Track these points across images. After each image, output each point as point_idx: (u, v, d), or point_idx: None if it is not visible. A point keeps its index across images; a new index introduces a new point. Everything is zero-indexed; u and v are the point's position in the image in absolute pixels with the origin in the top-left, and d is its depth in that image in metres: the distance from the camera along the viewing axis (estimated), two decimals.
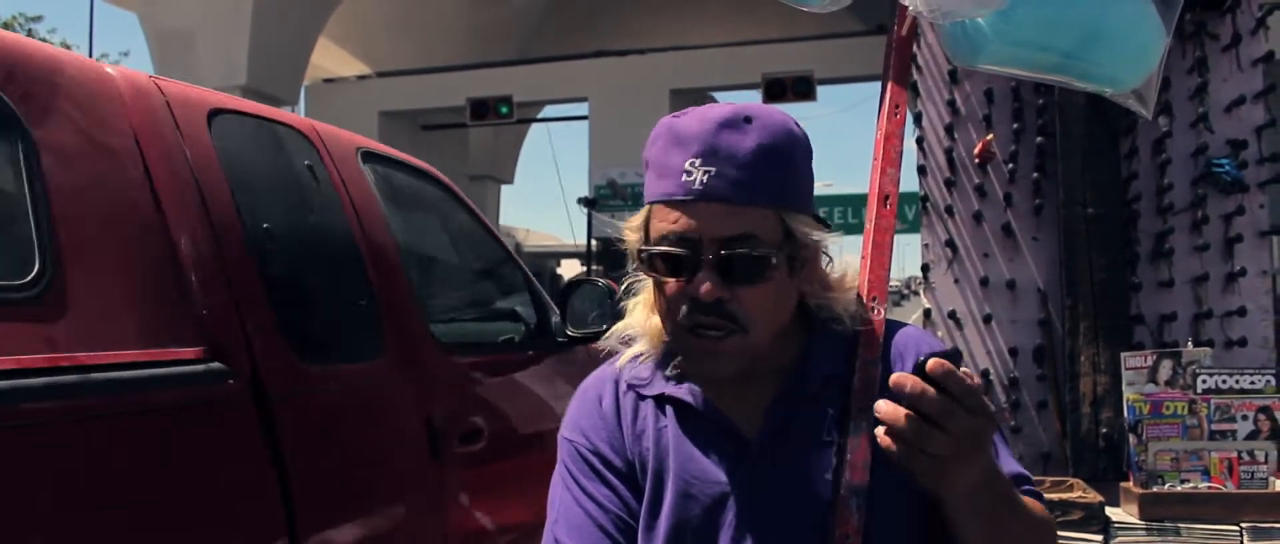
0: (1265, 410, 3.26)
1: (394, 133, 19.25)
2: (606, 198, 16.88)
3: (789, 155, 1.28)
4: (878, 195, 1.31)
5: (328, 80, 19.59)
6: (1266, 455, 3.24)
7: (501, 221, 26.85)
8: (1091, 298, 4.03)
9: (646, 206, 1.33)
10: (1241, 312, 4.01)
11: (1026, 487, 1.34)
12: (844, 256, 1.39)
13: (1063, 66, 1.56)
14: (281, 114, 3.17)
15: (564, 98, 19.57)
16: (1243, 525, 3.18)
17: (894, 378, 1.08)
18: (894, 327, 1.40)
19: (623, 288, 1.45)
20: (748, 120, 1.26)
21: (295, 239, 2.65)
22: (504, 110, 17.89)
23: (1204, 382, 3.34)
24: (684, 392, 1.36)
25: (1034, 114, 4.20)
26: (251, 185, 2.59)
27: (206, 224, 2.26)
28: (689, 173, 1.25)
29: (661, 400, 1.39)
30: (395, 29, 19.90)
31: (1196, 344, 3.75)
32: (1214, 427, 3.27)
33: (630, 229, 1.36)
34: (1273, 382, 3.32)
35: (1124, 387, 3.51)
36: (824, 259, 1.37)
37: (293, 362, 2.38)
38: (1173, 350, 3.53)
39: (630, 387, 1.42)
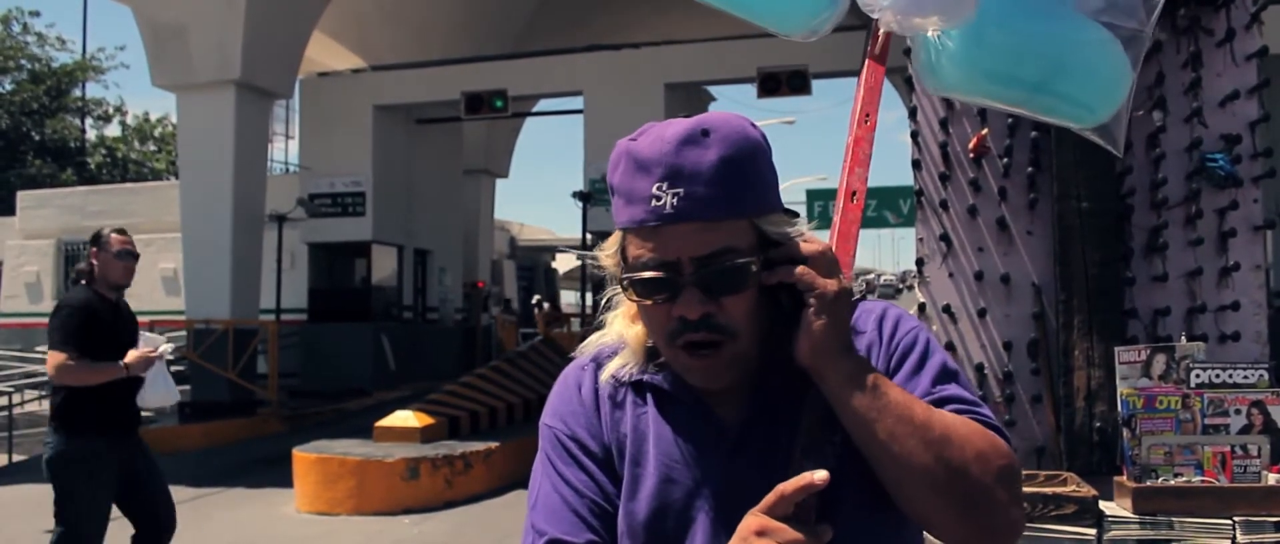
0: (1258, 405, 3.27)
1: (388, 127, 19.21)
2: (601, 191, 16.86)
3: (751, 162, 1.29)
4: (846, 191, 1.36)
5: (322, 74, 19.54)
6: (1259, 450, 3.25)
7: (496, 216, 26.81)
8: (1085, 292, 4.03)
9: (619, 232, 1.34)
10: (1235, 306, 4.02)
11: (961, 407, 1.30)
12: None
13: (1029, 99, 1.58)
14: None
15: (559, 91, 19.51)
16: (1235, 519, 3.19)
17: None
18: (865, 304, 1.43)
19: (603, 303, 1.45)
20: (705, 134, 1.27)
21: None
22: (498, 104, 17.83)
23: (1197, 376, 3.34)
24: (662, 378, 1.38)
25: None
26: None
27: None
28: (657, 198, 1.25)
29: (640, 387, 1.40)
30: (389, 22, 19.85)
31: (1190, 339, 3.75)
32: (1207, 421, 3.27)
33: (605, 255, 1.36)
34: (1265, 376, 3.33)
35: (1118, 381, 3.52)
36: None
37: None
38: (1166, 345, 3.53)
39: (611, 375, 1.43)
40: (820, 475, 1.15)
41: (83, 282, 4.85)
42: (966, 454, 1.23)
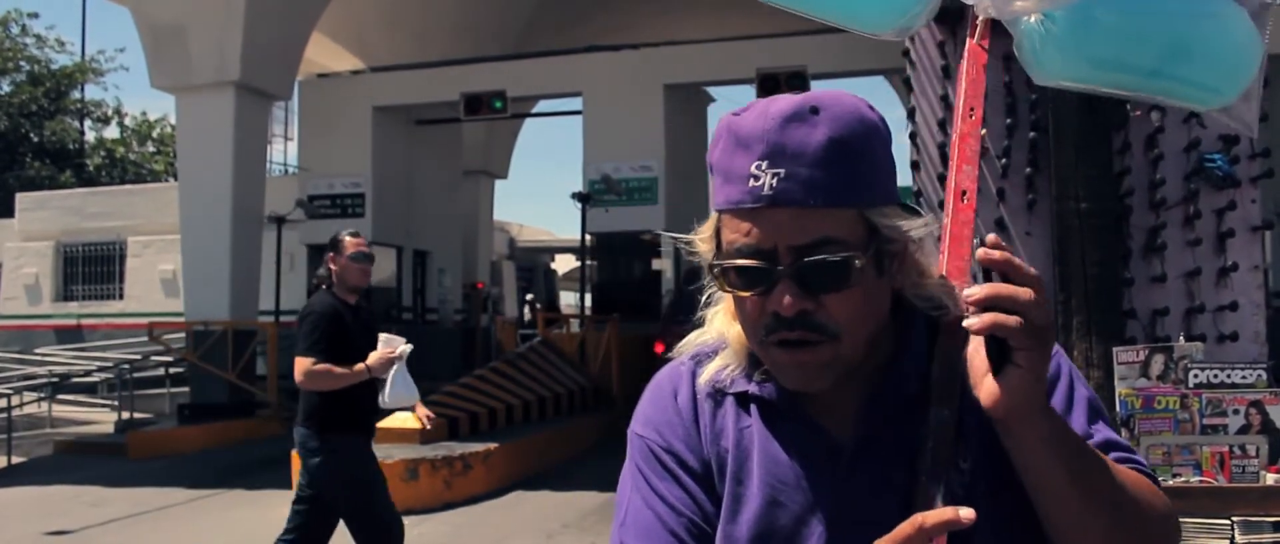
0: (1257, 405, 3.27)
1: (388, 128, 19.21)
2: (600, 193, 16.85)
3: (864, 145, 1.16)
4: (956, 191, 1.25)
5: (321, 75, 19.54)
6: (1258, 450, 3.25)
7: (496, 217, 26.81)
8: (1084, 293, 4.04)
9: (715, 214, 1.22)
10: (1233, 306, 4.02)
11: (1122, 454, 1.22)
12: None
13: (1145, 84, 1.44)
14: None
15: (558, 92, 19.52)
16: (1234, 519, 3.19)
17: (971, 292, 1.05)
18: None
19: (703, 297, 1.33)
20: (814, 111, 1.15)
21: None
22: (498, 105, 17.82)
23: (1196, 376, 3.35)
24: (769, 390, 1.25)
25: (1027, 109, 4.20)
26: None
27: None
28: (756, 177, 1.14)
29: (744, 399, 1.28)
30: (389, 24, 19.85)
31: (1188, 339, 3.76)
32: (1205, 421, 3.28)
33: (701, 239, 1.25)
34: (1264, 376, 3.33)
35: (1116, 381, 3.52)
36: (922, 246, 1.24)
37: None
38: (1165, 345, 3.54)
39: (710, 380, 1.30)
40: (966, 514, 1.03)
41: (323, 287, 4.97)
42: (1151, 523, 1.17)
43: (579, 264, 18.23)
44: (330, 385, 4.77)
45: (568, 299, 32.50)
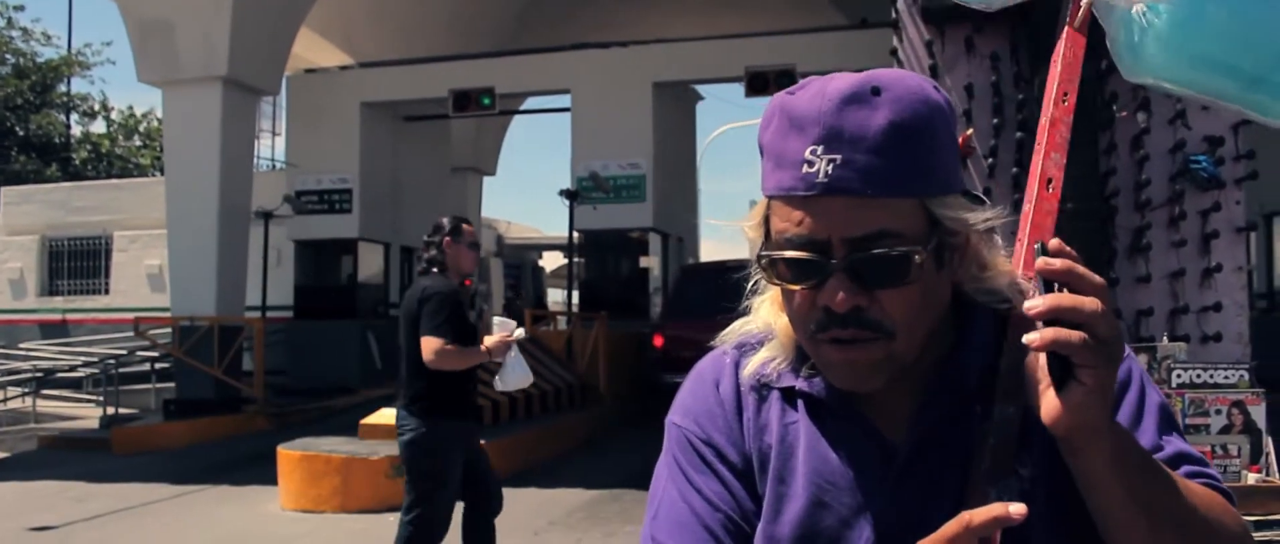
0: (1239, 405, 3.29)
1: (376, 124, 19.17)
2: (588, 190, 16.84)
3: (928, 130, 1.07)
4: (1041, 178, 1.19)
5: (309, 71, 19.49)
6: (1240, 449, 3.27)
7: (484, 213, 26.77)
8: None
9: (764, 200, 1.14)
10: (1217, 307, 4.04)
11: (1194, 469, 1.14)
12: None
13: (1242, 94, 1.32)
14: None
15: (546, 89, 19.49)
16: None
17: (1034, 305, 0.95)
18: None
19: (748, 285, 1.25)
20: (876, 92, 1.06)
21: None
22: (486, 102, 17.79)
23: (1179, 376, 3.36)
24: (819, 386, 1.17)
25: (1014, 109, 4.22)
26: None
27: None
28: (810, 163, 1.05)
29: (791, 394, 1.20)
30: (377, 20, 19.79)
31: (1172, 339, 3.78)
32: (1188, 421, 3.30)
33: (749, 225, 1.17)
34: (1246, 376, 3.35)
35: None
36: (986, 237, 1.16)
37: None
38: (1149, 345, 3.55)
39: (755, 372, 1.23)
40: (1017, 509, 0.94)
41: (435, 269, 5.08)
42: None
43: (567, 261, 18.21)
44: (458, 364, 4.91)
45: (555, 296, 32.48)
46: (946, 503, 1.07)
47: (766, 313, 1.24)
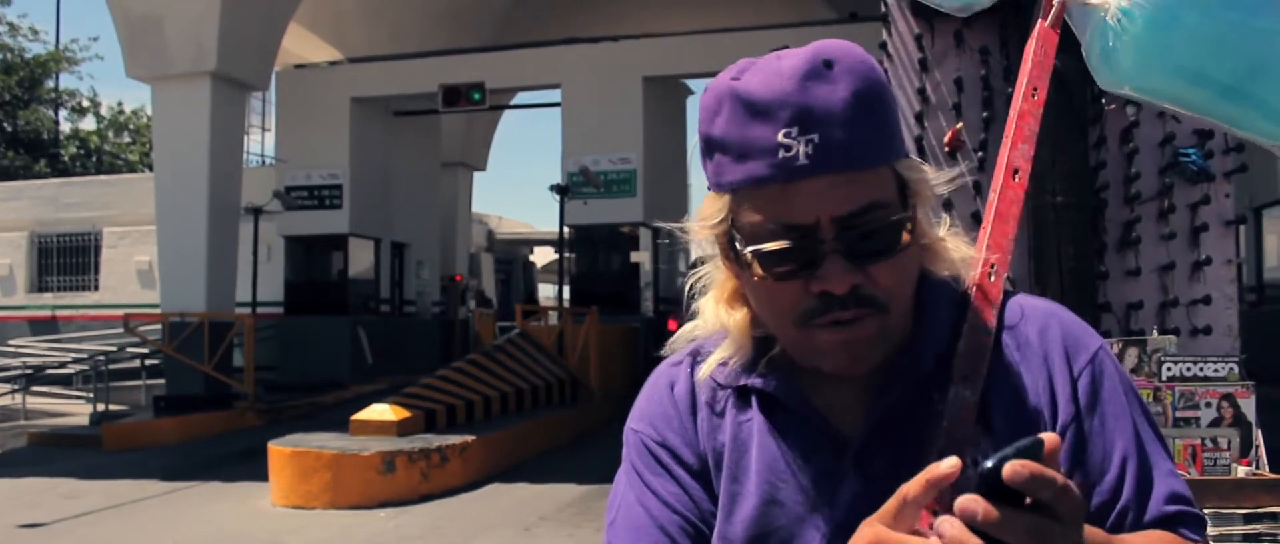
0: (1228, 398, 3.30)
1: (366, 119, 19.13)
2: (579, 185, 16.82)
3: (884, 95, 1.05)
4: (1007, 168, 1.21)
5: (299, 66, 19.43)
6: (1229, 442, 3.28)
7: (474, 209, 26.73)
8: (1060, 287, 4.06)
9: (723, 195, 1.08)
10: (1207, 300, 4.05)
11: (1180, 509, 1.13)
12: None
13: (1215, 104, 1.34)
14: None
15: (536, 84, 19.46)
16: (1205, 511, 3.22)
17: (961, 503, 0.79)
18: (1020, 298, 1.20)
19: (687, 287, 1.24)
20: (829, 65, 1.02)
21: None
22: (476, 97, 17.77)
23: (1168, 369, 3.37)
24: (772, 383, 1.15)
25: (1004, 103, 4.22)
26: None
27: None
28: (786, 147, 1.00)
29: (744, 392, 1.18)
30: (367, 15, 19.73)
31: (1162, 332, 3.78)
32: (1178, 414, 3.30)
33: (703, 225, 1.12)
34: (1236, 370, 3.36)
35: None
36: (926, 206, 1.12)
37: None
38: (1139, 338, 3.56)
39: (710, 373, 1.20)
40: (947, 464, 0.85)
41: None
42: None
43: (557, 256, 18.20)
44: None
45: (547, 291, 32.46)
46: None
47: (715, 312, 1.20)
